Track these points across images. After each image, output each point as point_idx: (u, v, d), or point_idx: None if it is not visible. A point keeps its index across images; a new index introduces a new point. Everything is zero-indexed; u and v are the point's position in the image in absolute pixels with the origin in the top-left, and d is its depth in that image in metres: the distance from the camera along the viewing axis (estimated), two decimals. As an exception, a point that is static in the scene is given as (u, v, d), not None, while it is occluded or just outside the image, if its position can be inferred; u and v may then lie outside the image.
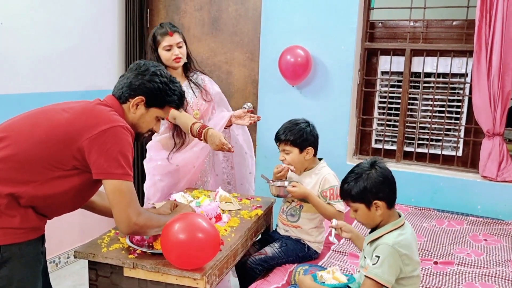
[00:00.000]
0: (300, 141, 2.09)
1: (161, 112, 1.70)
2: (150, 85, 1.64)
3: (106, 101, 1.66)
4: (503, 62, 2.68)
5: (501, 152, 2.80)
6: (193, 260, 1.54)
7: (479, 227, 2.61)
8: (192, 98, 2.49)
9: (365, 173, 1.62)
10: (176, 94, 1.70)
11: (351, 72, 3.13)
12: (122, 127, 1.53)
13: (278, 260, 2.11)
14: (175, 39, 2.39)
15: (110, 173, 1.49)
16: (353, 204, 1.64)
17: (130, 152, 1.55)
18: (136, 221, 1.53)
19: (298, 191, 2.06)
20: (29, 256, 1.53)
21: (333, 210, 2.05)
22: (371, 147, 3.34)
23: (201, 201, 2.04)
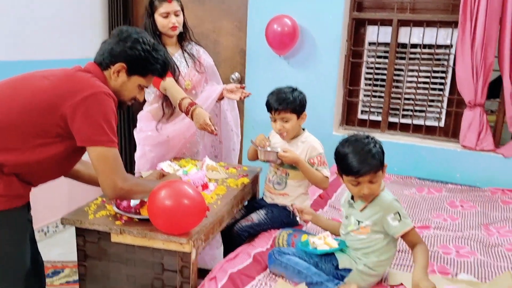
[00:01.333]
0: (298, 107, 2.12)
1: (143, 80, 1.68)
2: (131, 52, 1.61)
3: (87, 68, 1.64)
4: (487, 34, 2.72)
5: (481, 122, 2.88)
6: (179, 225, 1.59)
7: (457, 194, 2.71)
8: (184, 68, 2.48)
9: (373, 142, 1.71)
10: (159, 62, 1.67)
11: (338, 43, 3.15)
12: (105, 93, 1.52)
13: (264, 227, 2.17)
14: (173, 6, 2.36)
15: (94, 140, 1.50)
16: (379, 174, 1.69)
17: (114, 118, 1.55)
18: (122, 186, 1.55)
19: (289, 156, 2.09)
20: (15, 223, 1.55)
21: (321, 175, 2.12)
22: (357, 118, 3.40)
23: (188, 169, 2.09)
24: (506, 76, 2.76)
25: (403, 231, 1.68)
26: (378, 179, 1.69)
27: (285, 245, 1.98)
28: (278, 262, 1.77)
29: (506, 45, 2.71)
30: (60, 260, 2.94)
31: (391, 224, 1.68)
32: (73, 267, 2.83)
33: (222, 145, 2.75)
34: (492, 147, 2.89)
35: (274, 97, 2.14)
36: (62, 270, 2.83)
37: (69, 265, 2.88)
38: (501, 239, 2.17)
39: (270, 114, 2.17)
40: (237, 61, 3.52)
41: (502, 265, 1.92)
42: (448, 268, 1.88)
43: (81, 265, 1.77)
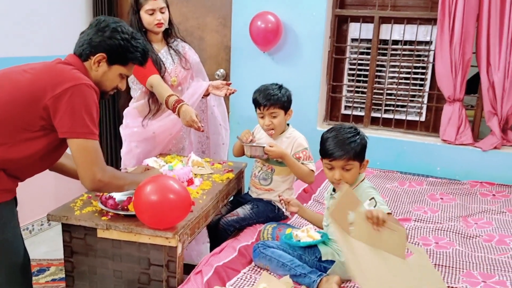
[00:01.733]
0: (286, 103, 2.17)
1: (124, 69, 1.69)
2: (110, 41, 1.62)
3: (68, 60, 1.64)
4: (465, 30, 2.79)
5: (460, 117, 2.96)
6: (165, 220, 1.61)
7: (437, 187, 2.79)
8: (170, 64, 2.50)
9: (358, 134, 1.77)
10: (139, 50, 1.68)
11: (321, 39, 3.19)
12: (86, 85, 1.53)
13: (250, 221, 2.20)
14: (159, 3, 2.37)
15: (75, 132, 1.51)
16: (352, 162, 1.75)
17: (95, 110, 1.55)
18: (101, 178, 1.56)
19: (276, 150, 2.12)
20: (7, 217, 1.58)
21: (307, 169, 2.16)
22: (340, 113, 3.45)
23: (174, 165, 2.10)
24: (484, 72, 2.84)
25: None
26: (352, 168, 1.75)
27: (270, 238, 2.02)
28: (263, 255, 1.81)
29: (483, 42, 2.79)
30: (45, 258, 2.94)
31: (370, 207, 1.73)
32: (58, 265, 2.83)
33: (209, 141, 2.77)
34: (471, 141, 2.98)
35: (262, 93, 2.17)
36: (48, 268, 2.83)
37: (54, 263, 2.87)
38: (479, 230, 2.25)
39: (258, 110, 2.20)
40: (222, 58, 3.54)
41: (479, 255, 1.99)
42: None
43: (67, 261, 1.78)
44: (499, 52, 2.75)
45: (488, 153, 2.92)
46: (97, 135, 1.57)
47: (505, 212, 2.45)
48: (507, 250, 2.04)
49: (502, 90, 2.79)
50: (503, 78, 2.77)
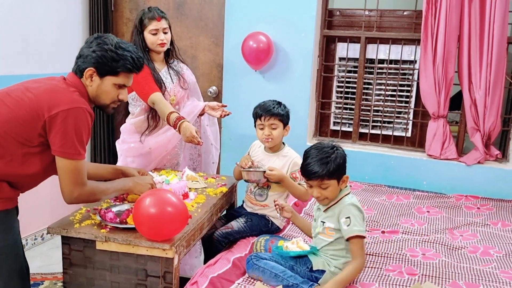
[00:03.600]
0: (285, 118, 2.25)
1: (117, 79, 1.75)
2: (95, 54, 1.70)
3: (69, 80, 1.74)
4: (447, 50, 2.92)
5: (445, 133, 3.07)
6: (163, 232, 1.67)
7: (424, 201, 2.87)
8: (170, 84, 2.57)
9: (334, 152, 1.82)
10: (127, 58, 1.73)
11: (310, 58, 3.30)
12: (81, 109, 1.63)
13: (243, 234, 2.25)
14: (162, 24, 2.46)
15: (63, 152, 1.63)
16: (327, 181, 1.80)
17: (86, 132, 1.66)
18: (78, 196, 1.69)
19: (276, 174, 2.17)
20: (8, 225, 1.68)
21: (303, 189, 2.22)
22: (329, 129, 3.55)
23: (170, 179, 2.16)
24: (466, 90, 2.96)
25: (348, 236, 1.79)
26: (329, 186, 1.81)
27: (263, 250, 2.06)
28: (256, 266, 1.86)
29: (465, 61, 2.92)
30: (39, 272, 2.94)
31: (342, 226, 1.81)
32: (52, 279, 2.84)
33: (201, 158, 2.84)
34: (455, 156, 3.08)
35: (263, 106, 2.25)
36: (42, 282, 2.83)
37: (48, 277, 2.88)
38: (464, 242, 2.32)
39: (259, 121, 2.25)
40: (214, 75, 3.63)
41: (464, 266, 2.07)
42: (415, 269, 2.01)
43: (66, 273, 1.82)
44: (480, 71, 2.88)
45: (472, 167, 3.03)
46: (83, 155, 1.68)
47: (489, 224, 2.54)
48: (491, 261, 2.12)
49: (483, 107, 2.91)
50: (484, 95, 2.89)
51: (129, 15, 3.79)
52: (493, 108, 2.89)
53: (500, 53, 2.82)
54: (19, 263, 1.74)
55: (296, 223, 2.15)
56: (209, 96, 3.58)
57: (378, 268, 2.02)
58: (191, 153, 2.84)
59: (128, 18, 3.80)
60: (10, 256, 1.69)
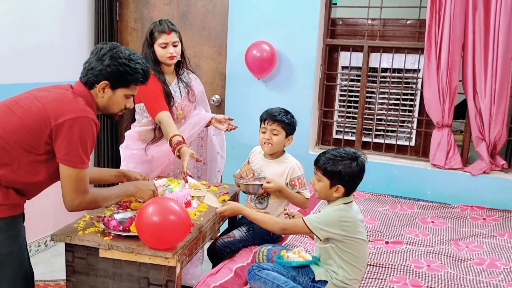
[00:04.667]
0: (289, 127, 2.24)
1: (128, 90, 1.80)
2: (110, 69, 1.72)
3: (76, 89, 1.76)
4: (451, 59, 2.91)
5: (449, 142, 3.05)
6: (165, 240, 1.66)
7: (428, 211, 2.85)
8: (178, 98, 2.57)
9: (348, 160, 1.81)
10: (138, 71, 1.77)
11: (313, 67, 3.30)
12: (87, 118, 1.65)
13: (245, 243, 2.24)
14: (172, 37, 2.46)
15: (67, 160, 1.65)
16: (320, 175, 1.84)
17: (91, 141, 1.68)
18: (79, 204, 1.71)
19: (274, 186, 2.17)
20: (14, 230, 1.70)
21: (302, 198, 2.22)
22: (332, 138, 3.54)
23: (173, 187, 2.15)
24: (470, 99, 2.94)
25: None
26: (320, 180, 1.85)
27: (265, 260, 2.04)
28: (258, 277, 1.84)
29: (469, 70, 2.91)
30: (42, 279, 2.92)
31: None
32: (55, 286, 2.82)
33: (206, 167, 2.82)
34: (460, 166, 3.05)
35: (271, 110, 2.26)
36: (44, 290, 2.82)
37: (51, 284, 2.86)
38: (470, 254, 2.29)
39: (262, 125, 2.26)
40: (217, 84, 3.63)
41: (470, 278, 2.04)
42: (420, 281, 1.99)
43: (69, 281, 1.81)
44: (485, 80, 2.87)
45: (478, 177, 3.00)
46: (87, 164, 1.69)
47: (495, 236, 2.50)
48: (498, 274, 2.09)
49: (489, 117, 2.89)
50: (490, 105, 2.87)
51: (134, 25, 3.82)
52: (499, 117, 2.87)
53: (505, 62, 2.81)
54: (24, 269, 1.75)
55: None
56: (212, 105, 3.57)
57: (382, 280, 1.99)
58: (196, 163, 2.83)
59: (132, 28, 3.83)
60: (15, 262, 1.70)
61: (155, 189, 2.00)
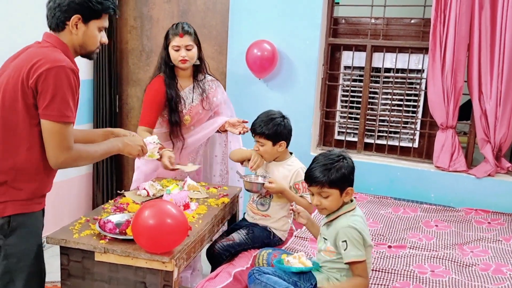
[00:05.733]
0: (274, 135, 2.18)
1: (100, 21, 1.71)
2: (79, 0, 1.63)
3: (46, 41, 1.66)
4: (456, 59, 2.86)
5: (453, 144, 2.99)
6: (162, 244, 1.61)
7: (432, 214, 2.79)
8: (189, 103, 2.52)
9: (340, 161, 1.74)
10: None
11: (315, 67, 3.25)
12: (62, 67, 1.55)
13: (245, 247, 2.20)
14: (185, 41, 2.42)
15: (46, 114, 1.55)
16: (328, 190, 1.73)
17: (70, 92, 1.57)
18: (64, 161, 1.60)
19: (275, 187, 2.14)
20: (34, 227, 1.68)
21: (306, 202, 2.16)
22: (334, 139, 3.49)
23: (171, 189, 2.10)
24: (476, 100, 2.89)
25: (345, 261, 1.72)
26: (329, 196, 1.73)
27: (265, 264, 2.00)
28: (258, 281, 1.78)
29: (475, 70, 2.85)
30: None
31: (340, 250, 1.73)
32: (52, 287, 2.77)
33: (228, 175, 2.76)
34: (464, 168, 3.00)
35: (257, 120, 2.23)
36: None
37: (48, 285, 2.78)
38: (475, 259, 2.24)
39: None
40: (217, 84, 3.58)
41: (476, 285, 1.98)
42: (423, 287, 1.94)
43: (64, 284, 1.77)
44: (491, 80, 2.81)
45: (482, 180, 2.94)
46: (69, 117, 1.59)
47: (501, 240, 2.44)
48: (504, 280, 2.03)
49: (494, 118, 2.84)
50: (495, 106, 2.82)
51: (133, 23, 3.77)
52: (504, 119, 2.81)
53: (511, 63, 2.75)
54: (39, 267, 1.73)
55: (311, 231, 2.05)
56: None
57: (385, 285, 1.94)
58: (221, 169, 2.78)
59: (132, 26, 3.78)
60: (32, 258, 1.68)
61: (144, 145, 1.96)
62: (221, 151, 2.76)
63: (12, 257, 1.63)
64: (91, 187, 3.91)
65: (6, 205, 1.60)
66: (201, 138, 2.57)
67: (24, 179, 1.61)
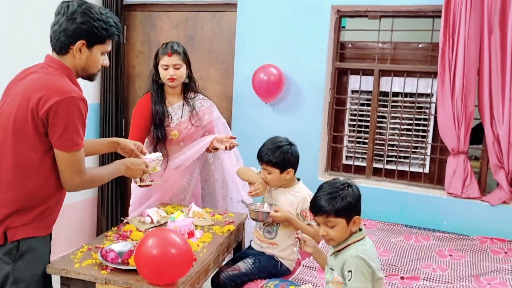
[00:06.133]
0: (281, 163, 2.14)
1: (103, 46, 1.72)
2: (85, 26, 1.63)
3: (49, 65, 1.67)
4: (466, 84, 2.81)
5: (466, 170, 2.91)
6: (166, 275, 1.55)
7: (445, 243, 2.69)
8: (177, 119, 2.51)
9: (345, 189, 1.67)
10: (113, 25, 1.70)
11: (322, 91, 3.22)
12: (72, 98, 1.57)
13: (251, 276, 2.13)
14: (173, 60, 2.43)
15: (60, 145, 1.59)
16: (334, 220, 1.65)
17: (81, 122, 1.61)
18: (79, 184, 1.66)
19: (281, 216, 2.09)
20: (42, 251, 1.69)
21: (313, 230, 2.09)
22: (341, 164, 3.42)
23: (176, 216, 2.05)
24: (487, 125, 2.82)
25: None
26: (336, 225, 1.65)
27: (272, 296, 1.92)
28: (266, 314, 1.71)
29: (485, 95, 2.80)
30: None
31: (345, 280, 1.64)
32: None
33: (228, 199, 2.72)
34: (478, 195, 2.91)
35: (263, 147, 2.18)
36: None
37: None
38: (493, 291, 2.14)
39: None
40: (223, 107, 3.55)
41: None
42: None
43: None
44: (502, 105, 2.75)
45: (497, 207, 2.84)
46: (80, 145, 1.63)
47: (519, 271, 2.34)
48: (524, 313, 1.94)
49: (507, 144, 2.76)
50: (508, 131, 2.74)
51: (141, 48, 3.78)
52: (518, 144, 2.74)
53: (523, 86, 2.70)
54: None
55: (318, 261, 1.95)
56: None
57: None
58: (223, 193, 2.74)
59: (139, 51, 3.79)
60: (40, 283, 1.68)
61: (146, 168, 1.98)
62: (220, 173, 2.71)
63: (21, 282, 1.62)
64: (95, 211, 3.86)
65: (16, 229, 1.61)
66: (191, 156, 2.53)
67: (35, 204, 1.63)
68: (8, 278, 1.61)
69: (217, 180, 2.73)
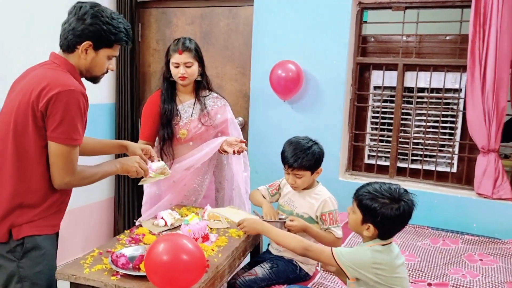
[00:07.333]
0: (313, 165, 2.05)
1: (110, 51, 1.73)
2: (93, 28, 1.64)
3: (53, 61, 1.68)
4: (498, 77, 2.65)
5: (497, 169, 2.75)
6: (177, 282, 1.47)
7: (475, 246, 2.54)
8: (187, 117, 2.44)
9: (387, 200, 1.59)
10: (122, 31, 1.70)
11: (343, 87, 3.10)
12: (73, 91, 1.57)
13: (268, 282, 2.04)
14: (184, 58, 2.36)
15: (54, 137, 1.58)
16: (355, 207, 1.65)
17: (79, 116, 1.60)
18: (68, 181, 1.64)
19: (297, 225, 2.01)
20: (47, 249, 1.68)
21: (332, 237, 2.01)
22: (363, 163, 3.29)
23: (189, 219, 1.97)
24: (520, 121, 2.66)
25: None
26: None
27: (291, 303, 1.82)
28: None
29: (518, 89, 2.64)
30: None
31: None
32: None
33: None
34: (510, 195, 2.74)
35: (291, 152, 2.05)
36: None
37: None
38: (528, 298, 1.99)
39: (285, 166, 2.08)
40: (240, 106, 3.47)
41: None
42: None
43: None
44: (537, 100, 2.59)
45: (530, 208, 2.69)
46: (75, 139, 1.61)
47: (555, 277, 2.19)
48: None
49: (542, 141, 2.60)
50: (543, 128, 2.59)
51: (156, 46, 3.72)
52: (555, 142, 2.57)
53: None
54: None
55: (342, 279, 1.84)
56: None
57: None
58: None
59: (154, 49, 3.73)
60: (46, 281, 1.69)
61: (140, 162, 1.94)
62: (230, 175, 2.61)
63: (26, 280, 1.63)
64: (112, 212, 3.82)
65: (21, 227, 1.62)
66: (201, 158, 2.43)
67: (38, 201, 1.64)
68: (13, 275, 1.62)
69: (227, 180, 2.64)
